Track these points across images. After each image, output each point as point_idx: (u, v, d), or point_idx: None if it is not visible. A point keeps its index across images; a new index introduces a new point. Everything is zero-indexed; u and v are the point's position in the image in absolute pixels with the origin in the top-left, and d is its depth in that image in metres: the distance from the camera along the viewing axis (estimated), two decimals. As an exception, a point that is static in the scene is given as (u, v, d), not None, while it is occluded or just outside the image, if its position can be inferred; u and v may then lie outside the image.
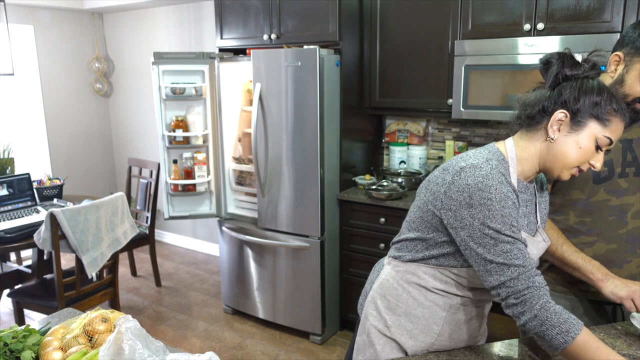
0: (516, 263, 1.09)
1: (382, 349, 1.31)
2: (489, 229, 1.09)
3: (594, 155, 1.14)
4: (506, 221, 1.09)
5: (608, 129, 1.12)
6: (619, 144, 1.47)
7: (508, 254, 1.09)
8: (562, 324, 1.05)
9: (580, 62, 1.16)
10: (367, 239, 3.01)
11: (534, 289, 1.08)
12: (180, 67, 3.35)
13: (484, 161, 1.14)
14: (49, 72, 4.66)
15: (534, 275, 1.09)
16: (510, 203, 1.11)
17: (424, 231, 1.24)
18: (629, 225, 1.49)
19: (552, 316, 1.06)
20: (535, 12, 2.49)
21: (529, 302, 1.07)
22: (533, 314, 1.07)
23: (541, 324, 1.06)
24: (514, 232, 1.10)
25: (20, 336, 1.16)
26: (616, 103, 1.12)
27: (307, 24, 3.02)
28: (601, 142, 1.13)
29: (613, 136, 1.13)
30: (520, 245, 1.10)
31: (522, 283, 1.08)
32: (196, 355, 1.05)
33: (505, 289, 1.10)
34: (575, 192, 1.48)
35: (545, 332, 1.06)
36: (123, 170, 5.15)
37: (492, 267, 1.10)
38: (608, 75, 1.43)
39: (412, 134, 3.36)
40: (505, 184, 1.11)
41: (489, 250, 1.10)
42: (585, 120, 1.13)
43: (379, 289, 1.34)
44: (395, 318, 1.30)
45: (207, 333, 3.31)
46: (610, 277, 1.39)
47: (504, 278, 1.09)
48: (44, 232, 2.62)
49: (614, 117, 1.12)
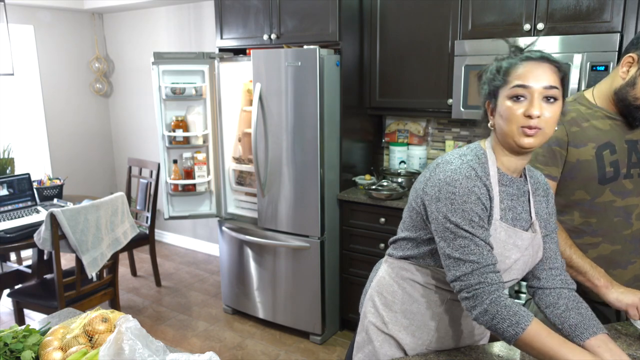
0: (471, 259, 1.10)
1: (380, 346, 1.32)
2: (450, 222, 1.12)
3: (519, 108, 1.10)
4: (466, 216, 1.11)
5: (511, 81, 1.11)
6: (625, 144, 1.46)
7: (464, 249, 1.11)
8: (511, 317, 1.06)
9: None
10: (367, 239, 3.01)
11: (485, 285, 1.09)
12: (180, 67, 3.35)
13: (457, 157, 1.18)
14: (49, 72, 4.66)
15: (488, 272, 1.10)
16: (474, 198, 1.12)
17: (411, 230, 1.28)
18: (633, 227, 1.48)
19: (501, 310, 1.07)
20: (535, 12, 2.49)
21: (480, 297, 1.09)
22: (483, 308, 1.09)
23: (492, 318, 1.08)
24: (473, 227, 1.11)
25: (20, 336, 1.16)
26: (509, 59, 1.14)
27: (307, 24, 3.02)
28: (513, 94, 1.11)
29: (521, 81, 1.10)
30: (478, 241, 1.11)
31: (474, 278, 1.10)
32: (196, 355, 1.05)
33: (459, 282, 1.12)
34: (580, 192, 1.47)
35: (497, 326, 1.08)
36: (123, 170, 5.15)
37: (449, 262, 1.13)
38: (619, 76, 1.42)
39: (412, 134, 3.36)
40: (473, 179, 1.13)
41: (448, 244, 1.13)
42: (496, 93, 1.15)
43: (377, 286, 1.36)
44: (392, 314, 1.31)
45: (207, 333, 3.31)
46: (614, 285, 1.38)
47: (459, 273, 1.12)
48: (44, 232, 2.62)
49: (510, 70, 1.12)
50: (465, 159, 1.16)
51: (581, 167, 1.44)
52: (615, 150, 1.44)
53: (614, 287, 1.38)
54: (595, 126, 1.45)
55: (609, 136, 1.45)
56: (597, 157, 1.43)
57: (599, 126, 1.46)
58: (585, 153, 1.43)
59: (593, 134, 1.44)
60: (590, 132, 1.44)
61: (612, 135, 1.45)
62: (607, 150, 1.44)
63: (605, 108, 1.48)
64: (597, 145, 1.44)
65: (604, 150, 1.44)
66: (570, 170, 1.45)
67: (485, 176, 1.16)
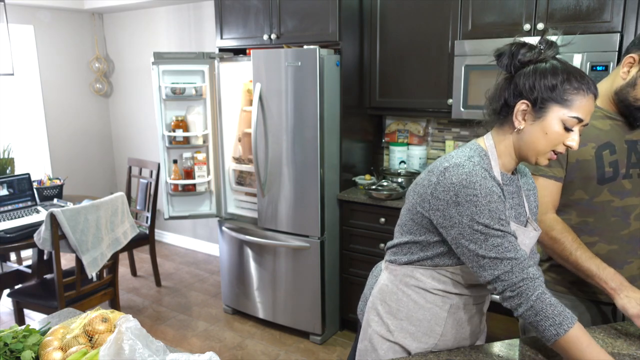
0: (508, 256, 1.09)
1: (385, 354, 1.31)
2: (478, 224, 1.10)
3: (565, 136, 1.11)
4: (494, 215, 1.10)
5: (573, 109, 1.09)
6: (624, 145, 1.46)
7: (499, 248, 1.09)
8: (556, 316, 1.05)
9: (536, 45, 1.14)
10: (367, 239, 3.01)
11: (529, 281, 1.08)
12: (180, 67, 3.35)
13: (466, 159, 1.15)
14: (49, 72, 4.66)
15: (528, 266, 1.09)
16: (496, 197, 1.11)
17: (416, 234, 1.25)
18: (631, 227, 1.48)
19: (547, 307, 1.06)
20: (535, 12, 2.49)
21: (525, 294, 1.08)
22: (529, 304, 1.07)
23: (536, 314, 1.07)
24: (502, 225, 1.10)
25: (20, 336, 1.16)
26: (576, 81, 1.09)
27: (307, 24, 3.02)
28: (569, 123, 1.10)
29: (580, 114, 1.10)
30: (511, 237, 1.10)
31: (516, 275, 1.08)
32: (196, 355, 1.05)
33: (501, 282, 1.10)
34: (579, 192, 1.47)
35: (539, 323, 1.07)
36: (123, 170, 5.15)
37: (485, 262, 1.11)
38: (620, 77, 1.42)
39: (412, 134, 3.36)
40: (489, 179, 1.12)
41: (480, 245, 1.10)
42: (546, 105, 1.10)
43: (379, 294, 1.34)
44: (397, 322, 1.30)
45: (207, 333, 3.31)
46: (624, 289, 1.31)
47: (498, 272, 1.10)
48: (44, 232, 2.62)
49: (575, 96, 1.09)
50: (475, 160, 1.14)
51: (580, 167, 1.44)
52: (615, 151, 1.44)
53: (624, 291, 1.31)
54: (595, 126, 1.45)
55: (608, 136, 1.45)
56: (596, 157, 1.43)
57: (598, 126, 1.46)
58: (584, 153, 1.43)
59: (593, 134, 1.44)
60: (590, 132, 1.44)
61: (612, 136, 1.45)
62: (607, 150, 1.44)
63: (605, 108, 1.48)
64: (597, 145, 1.44)
65: (604, 150, 1.44)
66: (570, 170, 1.45)
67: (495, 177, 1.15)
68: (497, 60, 1.18)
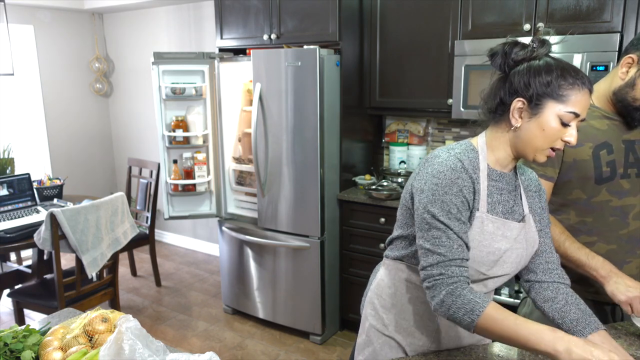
0: (438, 251, 1.11)
1: (380, 348, 1.32)
2: (428, 213, 1.13)
3: (562, 132, 1.12)
4: (444, 207, 1.12)
5: (569, 104, 1.09)
6: (622, 144, 1.46)
7: (436, 240, 1.12)
8: (465, 305, 1.07)
9: (528, 43, 1.14)
10: (367, 239, 3.01)
11: (445, 277, 1.10)
12: (180, 67, 3.35)
13: (445, 150, 1.18)
14: (49, 72, 4.66)
15: (452, 265, 1.11)
16: (456, 190, 1.12)
17: (404, 228, 1.28)
18: (630, 227, 1.48)
19: (456, 300, 1.08)
20: (535, 12, 2.49)
21: (438, 288, 1.10)
22: (440, 298, 1.09)
23: (448, 308, 1.09)
24: (449, 218, 1.11)
25: (20, 336, 1.16)
26: (570, 76, 1.09)
27: (307, 24, 3.02)
28: (565, 119, 1.10)
29: (577, 108, 1.10)
30: (451, 234, 1.11)
31: (437, 270, 1.11)
32: (196, 355, 1.05)
33: (424, 272, 1.14)
34: (577, 191, 1.47)
35: (454, 316, 1.08)
36: (123, 170, 5.15)
37: (422, 252, 1.15)
38: (618, 77, 1.42)
39: (412, 134, 3.36)
40: (459, 170, 1.13)
41: (423, 234, 1.14)
42: (542, 102, 1.11)
43: (376, 289, 1.37)
44: (392, 316, 1.32)
45: (207, 333, 3.31)
46: (613, 275, 1.36)
47: (425, 263, 1.13)
48: (44, 232, 2.62)
49: (570, 91, 1.09)
50: (453, 152, 1.17)
51: (578, 167, 1.44)
52: (612, 150, 1.44)
53: (613, 278, 1.36)
54: (592, 126, 1.45)
55: (606, 136, 1.45)
56: (594, 156, 1.44)
57: (596, 126, 1.46)
58: (582, 153, 1.44)
59: (590, 134, 1.44)
60: (588, 131, 1.44)
61: (609, 135, 1.45)
62: (604, 150, 1.44)
63: (603, 108, 1.48)
64: (594, 145, 1.44)
65: (601, 150, 1.44)
66: (567, 170, 1.45)
67: (472, 169, 1.16)
68: (491, 60, 1.19)
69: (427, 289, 1.13)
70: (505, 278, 1.25)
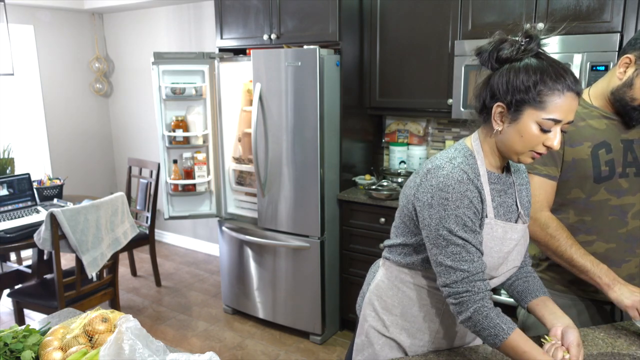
0: (462, 267, 1.11)
1: (381, 349, 1.32)
2: (443, 228, 1.11)
3: (543, 138, 1.08)
4: (459, 221, 1.10)
5: (548, 111, 1.05)
6: (620, 144, 1.46)
7: (456, 256, 1.11)
8: (491, 328, 1.09)
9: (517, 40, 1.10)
10: (367, 239, 3.01)
11: (472, 293, 1.10)
12: (180, 67, 3.35)
13: (447, 161, 1.15)
14: (49, 72, 4.66)
15: (477, 280, 1.11)
16: (467, 202, 1.11)
17: (407, 236, 1.26)
18: (629, 225, 1.49)
19: (483, 320, 1.09)
20: (535, 12, 2.49)
21: (465, 305, 1.11)
22: (467, 315, 1.11)
23: (474, 325, 1.11)
24: (466, 232, 1.11)
25: (20, 336, 1.16)
26: (550, 80, 1.04)
27: (307, 24, 3.02)
28: (545, 125, 1.06)
29: (557, 115, 1.05)
30: (470, 247, 1.11)
31: (463, 286, 1.11)
32: (196, 355, 1.05)
33: (448, 289, 1.13)
34: (576, 191, 1.48)
35: (479, 333, 1.11)
36: (123, 170, 5.15)
37: (441, 269, 1.13)
38: (616, 77, 1.43)
39: (412, 134, 3.36)
40: (466, 182, 1.11)
41: (440, 251, 1.12)
42: (521, 108, 1.07)
43: (375, 290, 1.36)
44: (392, 318, 1.31)
45: (207, 333, 3.31)
46: (617, 283, 1.36)
47: (449, 281, 1.12)
48: (44, 232, 2.62)
49: (550, 97, 1.04)
50: (455, 162, 1.14)
51: (577, 166, 1.45)
52: (611, 150, 1.45)
53: (617, 286, 1.36)
54: (591, 125, 1.46)
55: (604, 135, 1.45)
56: (592, 156, 1.44)
57: (595, 125, 1.46)
58: (580, 152, 1.44)
59: (589, 133, 1.45)
60: (586, 131, 1.45)
61: (608, 135, 1.46)
62: (603, 150, 1.45)
63: (602, 108, 1.49)
64: (593, 145, 1.44)
65: (600, 149, 1.44)
66: (566, 169, 1.46)
67: (476, 178, 1.14)
68: (479, 57, 1.15)
69: (452, 304, 1.13)
70: (507, 275, 1.26)
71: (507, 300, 2.55)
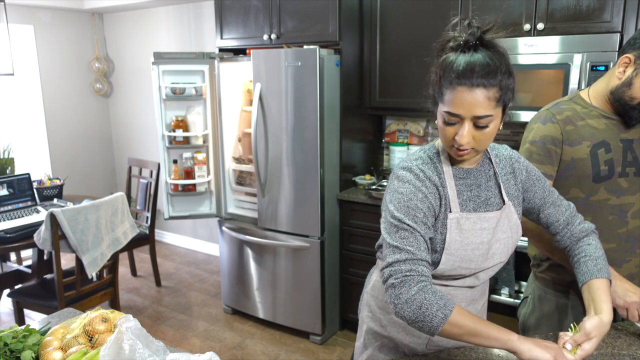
0: (407, 249, 1.11)
1: (379, 349, 1.32)
2: (394, 218, 1.14)
3: (448, 130, 1.10)
4: (410, 212, 1.13)
5: (445, 103, 1.08)
6: (620, 143, 1.46)
7: (404, 240, 1.12)
8: (439, 300, 1.05)
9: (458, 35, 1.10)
10: (367, 239, 3.01)
11: (416, 274, 1.08)
12: (180, 67, 3.35)
13: (413, 159, 1.21)
14: (49, 72, 4.66)
15: (421, 264, 1.10)
16: (421, 196, 1.14)
17: None
18: (629, 225, 1.49)
19: (429, 296, 1.06)
20: (535, 12, 2.49)
21: (408, 284, 1.07)
22: (410, 295, 1.06)
23: (419, 306, 1.05)
24: (415, 222, 1.13)
25: (20, 336, 1.16)
26: (451, 73, 1.05)
27: (307, 24, 3.02)
28: (446, 118, 1.10)
29: (450, 108, 1.07)
30: (419, 235, 1.12)
31: (406, 266, 1.09)
32: (196, 355, 1.05)
33: (390, 268, 1.11)
34: (575, 190, 1.48)
35: (425, 313, 1.04)
36: (123, 170, 5.15)
37: (388, 250, 1.14)
38: (615, 76, 1.43)
39: (412, 134, 3.36)
40: (422, 179, 1.16)
41: (391, 236, 1.14)
42: (436, 101, 1.13)
43: (372, 290, 1.37)
44: (389, 316, 1.32)
45: (207, 333, 3.31)
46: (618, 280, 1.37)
47: (392, 260, 1.11)
48: (44, 232, 2.62)
49: (447, 90, 1.07)
50: (415, 162, 1.19)
51: (576, 166, 1.45)
52: (610, 149, 1.45)
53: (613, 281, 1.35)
54: (590, 125, 1.46)
55: (604, 135, 1.46)
56: (591, 155, 1.44)
57: (594, 125, 1.46)
58: (579, 151, 1.44)
59: (588, 133, 1.45)
60: (585, 130, 1.45)
61: (607, 134, 1.46)
62: (602, 149, 1.45)
63: (601, 107, 1.49)
64: (592, 144, 1.44)
65: (599, 148, 1.44)
66: (565, 169, 1.46)
67: (435, 176, 1.17)
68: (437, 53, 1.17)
69: (392, 286, 1.09)
70: (496, 268, 1.26)
71: (507, 301, 2.55)
